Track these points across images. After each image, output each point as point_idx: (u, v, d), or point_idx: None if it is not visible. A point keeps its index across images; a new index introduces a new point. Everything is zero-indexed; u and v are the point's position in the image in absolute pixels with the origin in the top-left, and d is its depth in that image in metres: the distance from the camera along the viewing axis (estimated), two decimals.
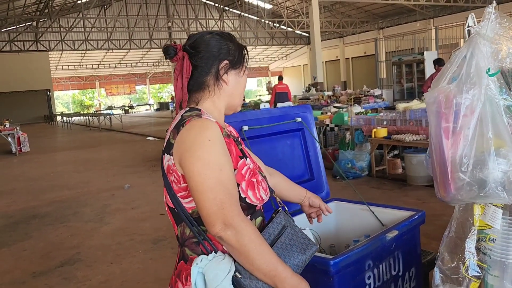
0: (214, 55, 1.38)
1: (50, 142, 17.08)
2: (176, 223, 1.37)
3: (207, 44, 1.38)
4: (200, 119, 1.28)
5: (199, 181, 1.21)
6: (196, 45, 1.39)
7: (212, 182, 1.20)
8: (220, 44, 1.39)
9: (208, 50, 1.38)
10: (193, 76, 1.37)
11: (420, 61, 12.88)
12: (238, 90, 1.44)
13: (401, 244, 2.11)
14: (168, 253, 4.24)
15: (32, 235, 5.13)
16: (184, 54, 1.37)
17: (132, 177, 8.18)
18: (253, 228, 1.23)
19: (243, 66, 1.44)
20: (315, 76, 18.45)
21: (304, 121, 2.62)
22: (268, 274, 1.21)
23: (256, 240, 1.20)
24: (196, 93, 1.40)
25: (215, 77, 1.38)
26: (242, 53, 1.45)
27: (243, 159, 1.35)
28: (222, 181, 1.21)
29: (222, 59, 1.39)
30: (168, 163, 1.30)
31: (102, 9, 28.53)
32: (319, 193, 2.65)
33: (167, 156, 1.30)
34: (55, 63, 34.66)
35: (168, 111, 32.02)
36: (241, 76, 1.44)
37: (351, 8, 27.64)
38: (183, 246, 1.36)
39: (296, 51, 37.42)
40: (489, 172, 1.22)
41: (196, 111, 1.32)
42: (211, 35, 1.41)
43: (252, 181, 1.34)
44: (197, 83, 1.38)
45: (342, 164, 6.60)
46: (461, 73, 1.24)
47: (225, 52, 1.39)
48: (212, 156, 1.22)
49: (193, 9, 30.08)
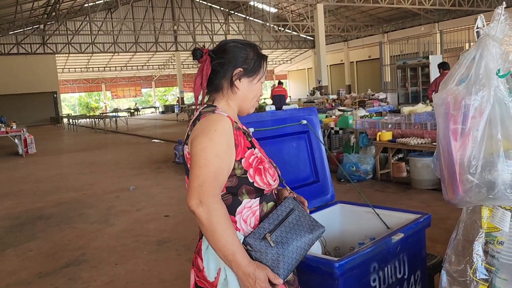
0: (230, 62, 1.53)
1: (56, 144, 17.15)
2: None
3: (227, 51, 1.54)
4: (214, 114, 1.45)
5: (194, 160, 1.37)
6: (218, 50, 1.56)
7: (202, 163, 1.35)
8: (239, 52, 1.54)
9: (226, 56, 1.53)
10: (212, 78, 1.54)
11: (425, 65, 12.83)
12: (249, 95, 1.57)
13: (406, 247, 2.11)
14: (173, 254, 4.24)
15: (38, 236, 5.15)
16: (207, 58, 1.53)
17: (137, 179, 8.19)
18: (224, 212, 1.35)
19: (257, 75, 1.57)
20: (320, 80, 18.45)
21: (309, 123, 2.62)
22: (227, 257, 1.34)
23: (224, 223, 1.33)
24: (213, 93, 1.57)
25: (229, 82, 1.53)
26: (261, 63, 1.58)
27: (251, 149, 1.50)
28: (212, 164, 1.35)
29: (237, 66, 1.53)
30: (185, 152, 1.48)
31: (108, 13, 28.70)
32: (324, 195, 2.65)
33: (186, 146, 1.48)
34: (62, 66, 34.85)
35: (174, 113, 32.07)
36: (254, 84, 1.57)
37: (355, 12, 27.63)
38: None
39: (301, 54, 37.44)
40: (498, 174, 1.22)
41: (211, 107, 1.50)
42: (235, 43, 1.57)
43: (259, 168, 1.48)
44: (214, 84, 1.55)
45: (346, 167, 6.59)
46: (470, 74, 1.23)
47: (242, 60, 1.54)
48: (212, 143, 1.38)
49: (199, 12, 30.17)
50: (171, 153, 10.23)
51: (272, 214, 1.48)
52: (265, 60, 1.60)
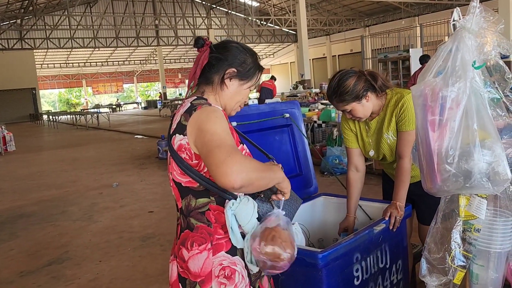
0: (227, 59, 1.55)
1: (37, 141, 16.87)
2: (181, 196, 1.51)
3: (227, 49, 1.56)
4: (210, 106, 1.47)
5: (210, 145, 1.34)
6: (219, 46, 1.58)
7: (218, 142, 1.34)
8: (238, 54, 1.56)
9: (224, 53, 1.55)
10: (205, 71, 1.55)
11: (406, 58, 12.99)
12: (236, 98, 1.59)
13: (388, 237, 2.15)
14: (157, 250, 4.23)
15: (19, 235, 5.08)
16: (207, 49, 1.55)
17: (121, 175, 8.13)
18: (251, 163, 1.34)
19: (249, 81, 1.59)
20: (303, 74, 18.51)
21: (292, 117, 2.64)
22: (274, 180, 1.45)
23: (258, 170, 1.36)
24: (204, 85, 1.58)
25: (220, 78, 1.55)
26: (255, 72, 1.60)
27: (242, 144, 1.56)
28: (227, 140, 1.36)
29: (232, 66, 1.55)
30: (180, 142, 1.45)
31: (87, 7, 28.22)
32: (307, 188, 2.68)
33: (179, 136, 1.45)
34: (41, 62, 34.20)
35: (156, 109, 31.81)
36: (243, 89, 1.59)
37: (337, 6, 27.76)
38: (188, 216, 1.50)
39: (284, 48, 37.46)
40: (474, 164, 1.25)
41: (204, 100, 1.51)
42: (237, 45, 1.59)
43: None
44: (206, 77, 1.56)
45: (329, 160, 6.65)
46: (447, 66, 1.26)
47: (239, 62, 1.56)
48: (219, 126, 1.39)
49: (180, 7, 29.92)
50: (154, 148, 10.17)
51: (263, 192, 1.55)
52: (260, 71, 1.62)
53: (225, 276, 1.45)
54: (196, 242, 1.46)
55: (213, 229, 1.46)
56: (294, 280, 1.90)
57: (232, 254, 1.46)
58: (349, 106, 2.20)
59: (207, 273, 1.44)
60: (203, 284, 1.44)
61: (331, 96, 2.23)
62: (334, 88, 2.19)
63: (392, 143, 2.30)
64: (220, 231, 1.46)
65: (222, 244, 1.46)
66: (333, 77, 2.24)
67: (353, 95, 2.16)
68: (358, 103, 2.18)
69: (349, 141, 2.45)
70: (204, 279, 1.44)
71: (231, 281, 1.45)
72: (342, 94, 2.16)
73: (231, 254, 1.46)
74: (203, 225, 1.47)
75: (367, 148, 2.41)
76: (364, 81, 2.18)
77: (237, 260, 1.47)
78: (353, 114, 2.25)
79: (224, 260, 1.45)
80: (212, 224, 1.46)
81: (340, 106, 2.23)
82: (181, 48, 35.73)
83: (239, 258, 1.48)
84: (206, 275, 1.44)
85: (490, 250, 1.36)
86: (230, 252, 1.46)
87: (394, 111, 2.23)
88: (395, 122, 2.24)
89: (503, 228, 1.36)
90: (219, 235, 1.46)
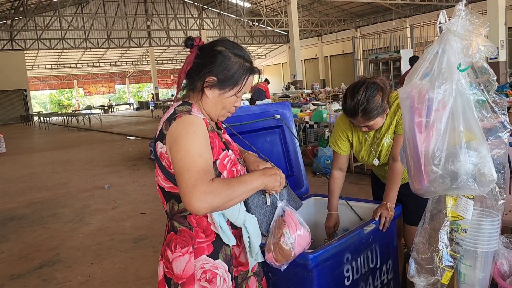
0: (207, 66, 1.45)
1: (27, 142, 16.73)
2: (165, 200, 1.52)
3: (211, 54, 1.46)
4: (189, 116, 1.41)
5: (180, 165, 1.35)
6: (205, 49, 1.48)
7: (189, 166, 1.34)
8: (222, 60, 1.45)
9: (207, 60, 1.46)
10: (190, 74, 1.49)
11: (396, 58, 13.10)
12: (217, 106, 1.50)
13: (378, 237, 2.16)
14: (149, 252, 4.22)
15: (9, 238, 5.04)
16: (194, 51, 1.47)
17: (112, 176, 8.09)
18: (219, 187, 1.34)
19: (232, 89, 1.48)
20: (295, 74, 18.55)
21: (283, 118, 2.66)
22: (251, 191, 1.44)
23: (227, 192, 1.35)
24: (189, 89, 1.52)
25: (201, 86, 1.47)
26: (242, 78, 1.48)
27: (225, 151, 1.50)
28: (199, 165, 1.34)
29: (212, 74, 1.45)
30: (161, 150, 1.44)
31: (79, 7, 28.07)
32: (298, 189, 2.69)
33: (160, 143, 1.44)
34: (31, 63, 33.95)
35: (148, 110, 31.69)
36: (225, 97, 1.48)
37: (329, 7, 27.88)
38: (172, 219, 1.51)
39: (276, 49, 37.52)
40: (460, 165, 1.26)
41: (187, 106, 1.45)
42: (224, 48, 1.46)
43: (232, 170, 1.50)
44: (190, 82, 1.50)
45: (321, 161, 6.67)
46: (433, 68, 1.28)
47: (220, 69, 1.45)
48: (194, 145, 1.36)
49: (172, 7, 29.84)
50: (147, 150, 10.14)
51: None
52: (251, 75, 1.50)
53: (207, 279, 1.46)
54: (179, 245, 1.47)
55: (195, 233, 1.47)
56: (285, 281, 1.91)
57: (213, 257, 1.48)
58: (374, 121, 2.12)
59: (189, 276, 1.46)
60: (185, 286, 1.46)
61: (357, 113, 2.08)
62: (363, 105, 2.05)
63: (388, 146, 2.29)
64: (202, 235, 1.47)
65: (203, 248, 1.47)
66: (355, 92, 2.08)
67: (380, 111, 2.08)
68: (382, 117, 2.13)
69: (341, 149, 2.40)
70: (186, 282, 1.46)
71: (212, 284, 1.47)
72: (372, 111, 2.06)
73: (213, 257, 1.48)
74: (185, 229, 1.48)
75: (371, 157, 2.37)
76: (385, 93, 2.10)
77: (218, 264, 1.48)
78: (372, 128, 2.18)
79: (206, 264, 1.46)
80: (193, 228, 1.47)
81: (364, 122, 2.12)
82: (173, 49, 35.67)
83: (221, 261, 1.49)
84: (188, 277, 1.46)
85: (477, 250, 1.38)
86: (212, 255, 1.48)
87: (396, 114, 2.21)
88: (395, 125, 2.24)
89: (489, 228, 1.38)
90: (200, 239, 1.47)
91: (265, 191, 1.52)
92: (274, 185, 1.49)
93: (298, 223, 1.53)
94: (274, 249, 1.52)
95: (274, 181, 1.49)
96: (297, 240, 1.51)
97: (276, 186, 1.50)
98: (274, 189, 1.50)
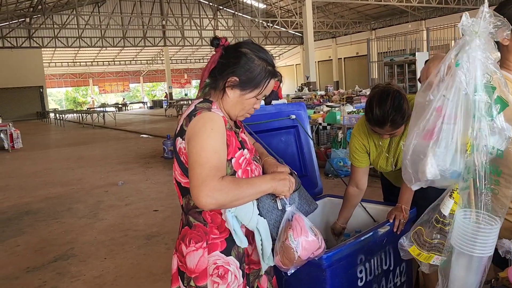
0: (231, 67, 1.47)
1: (43, 139, 16.98)
2: (182, 195, 1.54)
3: (236, 55, 1.49)
4: (209, 113, 1.43)
5: (194, 159, 1.38)
6: (230, 49, 1.51)
7: (203, 161, 1.37)
8: (245, 61, 1.48)
9: (231, 60, 1.48)
10: (213, 73, 1.51)
11: (412, 61, 12.99)
12: (237, 106, 1.52)
13: (392, 239, 2.16)
14: (162, 248, 4.26)
15: (25, 231, 5.13)
16: (219, 51, 1.50)
17: (126, 174, 8.18)
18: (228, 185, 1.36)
19: (253, 91, 1.50)
20: (308, 76, 18.53)
21: (298, 118, 2.66)
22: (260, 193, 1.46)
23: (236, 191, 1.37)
24: (211, 88, 1.54)
25: (223, 85, 1.49)
26: (264, 80, 1.51)
27: (241, 150, 1.52)
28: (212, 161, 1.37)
29: (235, 74, 1.47)
30: (180, 146, 1.47)
31: (96, 6, 28.41)
32: (312, 189, 2.69)
33: (180, 139, 1.47)
34: (48, 60, 34.43)
35: (162, 109, 31.90)
36: (245, 99, 1.51)
37: (344, 9, 27.77)
38: (187, 214, 1.53)
39: (289, 50, 37.50)
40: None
41: (207, 104, 1.47)
42: (249, 50, 1.50)
43: (247, 169, 1.52)
44: (213, 80, 1.52)
45: (334, 162, 6.66)
46: (447, 70, 1.28)
47: (243, 71, 1.48)
48: (211, 141, 1.39)
49: (187, 7, 30.04)
50: (160, 148, 10.22)
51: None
52: (273, 78, 1.53)
53: (219, 275, 1.48)
54: (193, 240, 1.50)
55: (209, 229, 1.49)
56: (298, 280, 1.92)
57: (226, 254, 1.50)
58: (399, 129, 2.12)
59: (202, 271, 1.48)
60: (197, 280, 1.49)
61: (386, 122, 2.07)
62: (392, 115, 2.04)
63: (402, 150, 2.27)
64: (216, 231, 1.49)
65: (217, 244, 1.49)
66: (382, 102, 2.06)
67: (405, 118, 2.08)
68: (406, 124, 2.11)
69: (359, 161, 2.38)
70: (199, 276, 1.49)
71: (224, 280, 1.49)
72: (400, 120, 2.07)
73: (225, 254, 1.50)
74: (200, 224, 1.50)
75: (389, 164, 2.35)
76: (407, 101, 2.09)
77: (230, 260, 1.50)
78: (395, 135, 2.19)
79: (218, 260, 1.49)
80: (208, 224, 1.49)
81: (391, 131, 2.12)
82: (188, 49, 35.86)
83: (233, 258, 1.51)
84: (201, 272, 1.48)
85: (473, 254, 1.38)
86: (225, 252, 1.50)
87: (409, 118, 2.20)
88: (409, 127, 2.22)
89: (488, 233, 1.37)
90: (214, 235, 1.49)
91: (275, 195, 1.53)
92: (283, 189, 1.50)
93: (305, 227, 1.52)
94: (280, 253, 1.52)
95: (283, 186, 1.50)
96: (303, 244, 1.49)
97: (285, 191, 1.50)
98: (283, 194, 1.51)
